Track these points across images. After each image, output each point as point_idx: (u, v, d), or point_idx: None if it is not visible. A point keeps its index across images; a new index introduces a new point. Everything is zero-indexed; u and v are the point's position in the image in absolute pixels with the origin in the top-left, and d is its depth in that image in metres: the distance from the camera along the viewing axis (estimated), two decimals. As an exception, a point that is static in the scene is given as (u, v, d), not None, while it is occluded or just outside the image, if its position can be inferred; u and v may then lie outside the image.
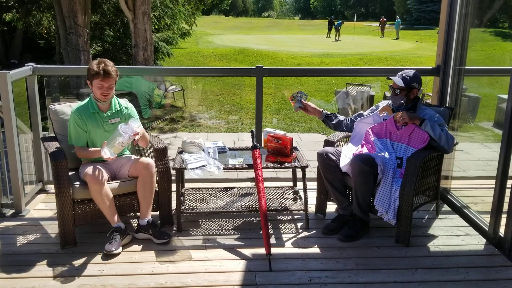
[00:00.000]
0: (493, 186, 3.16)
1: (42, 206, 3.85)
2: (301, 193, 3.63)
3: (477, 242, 3.30)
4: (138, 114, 3.53)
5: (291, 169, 3.94)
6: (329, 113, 3.65)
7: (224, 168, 3.39)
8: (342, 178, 3.38)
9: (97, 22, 16.33)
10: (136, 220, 3.55)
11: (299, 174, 3.68)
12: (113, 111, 3.35)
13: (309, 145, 9.12)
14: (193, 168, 3.31)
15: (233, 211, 3.58)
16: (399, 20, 35.13)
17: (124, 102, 3.48)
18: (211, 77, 15.86)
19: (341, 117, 3.66)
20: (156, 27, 17.61)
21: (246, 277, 2.82)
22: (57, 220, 3.11)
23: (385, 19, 36.43)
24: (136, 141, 3.21)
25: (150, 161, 3.27)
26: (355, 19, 42.44)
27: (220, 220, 3.61)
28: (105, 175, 3.17)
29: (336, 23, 34.07)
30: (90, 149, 3.30)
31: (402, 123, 3.31)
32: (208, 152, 3.56)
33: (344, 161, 3.31)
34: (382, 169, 3.18)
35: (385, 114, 3.47)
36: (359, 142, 3.52)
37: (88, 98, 3.34)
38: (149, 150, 3.66)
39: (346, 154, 3.37)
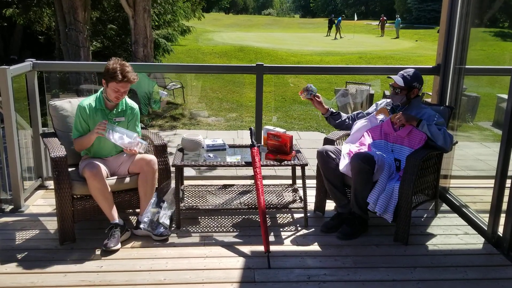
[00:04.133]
0: (492, 185, 3.16)
1: (41, 202, 3.85)
2: (300, 191, 3.63)
3: (476, 241, 3.30)
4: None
5: (290, 167, 3.95)
6: (334, 111, 3.66)
7: (223, 166, 3.38)
8: (341, 176, 3.38)
9: (97, 19, 16.31)
10: (135, 217, 3.55)
11: (298, 172, 3.69)
12: (119, 110, 3.34)
13: (308, 143, 9.13)
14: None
15: (232, 209, 3.58)
16: (399, 19, 35.09)
17: (131, 101, 3.45)
18: (210, 75, 15.86)
19: (344, 116, 3.67)
20: (156, 23, 17.59)
21: (244, 274, 2.83)
22: (56, 216, 3.11)
23: (385, 18, 36.38)
24: (124, 149, 3.21)
25: (153, 157, 3.27)
26: (355, 18, 42.31)
27: (219, 217, 3.61)
28: (104, 172, 3.17)
29: (335, 21, 34.02)
30: (83, 137, 3.26)
31: (399, 125, 3.31)
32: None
33: (343, 163, 3.31)
34: (377, 168, 3.18)
35: (382, 117, 3.47)
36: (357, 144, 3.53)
37: (97, 93, 3.31)
38: (149, 147, 3.66)
39: (346, 155, 3.36)
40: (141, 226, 3.19)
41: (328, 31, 34.98)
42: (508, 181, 3.12)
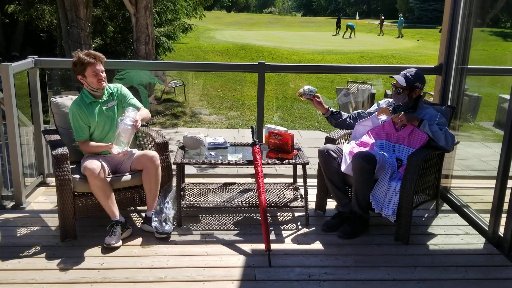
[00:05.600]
0: (493, 185, 3.16)
1: (43, 199, 3.86)
2: (301, 190, 3.63)
3: (477, 241, 3.30)
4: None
5: (291, 166, 3.95)
6: (334, 110, 3.66)
7: (224, 164, 3.39)
8: (342, 176, 3.38)
9: (99, 16, 16.31)
10: (136, 214, 3.56)
11: (299, 171, 3.69)
12: (107, 95, 3.36)
13: (309, 142, 9.13)
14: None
15: (233, 207, 3.58)
16: (402, 18, 34.95)
17: (113, 84, 3.45)
18: (212, 73, 15.87)
19: (344, 115, 3.66)
20: (158, 21, 17.58)
21: (245, 272, 2.83)
22: (58, 213, 3.11)
23: (383, 17, 36.24)
24: (137, 128, 3.21)
25: (155, 153, 3.28)
26: (357, 17, 42.22)
27: (220, 215, 3.62)
28: (105, 169, 3.17)
29: (347, 23, 33.94)
30: (92, 143, 3.30)
31: (400, 125, 3.31)
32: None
33: (345, 163, 3.31)
34: (379, 167, 3.18)
35: (384, 117, 3.47)
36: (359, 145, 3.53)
37: (80, 93, 3.34)
38: (150, 144, 3.67)
39: (347, 155, 3.36)
40: (153, 224, 3.20)
41: (337, 29, 34.68)
42: (510, 182, 3.12)
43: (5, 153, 3.70)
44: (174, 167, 3.44)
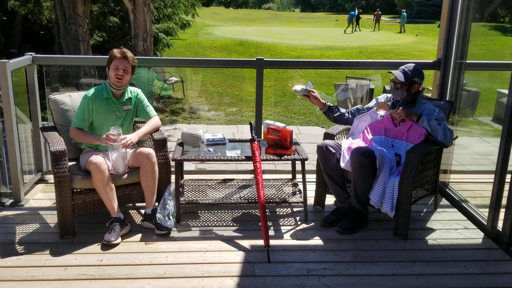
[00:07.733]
0: (492, 180, 3.16)
1: (41, 196, 3.85)
2: (300, 186, 3.63)
3: (475, 236, 3.31)
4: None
5: (290, 162, 3.95)
6: (332, 105, 3.65)
7: (223, 160, 3.39)
8: (341, 171, 3.38)
9: (97, 12, 16.26)
10: (135, 211, 3.56)
11: (298, 166, 3.69)
12: (126, 98, 3.41)
13: (308, 138, 9.12)
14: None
15: (232, 203, 3.58)
16: (405, 13, 34.55)
17: (134, 88, 3.53)
18: (210, 69, 15.82)
19: (343, 110, 3.65)
20: (156, 17, 17.53)
21: (244, 268, 2.83)
22: (56, 210, 3.11)
23: (380, 12, 36.00)
24: (126, 145, 3.20)
25: (151, 151, 3.28)
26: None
27: (219, 211, 3.62)
28: (108, 165, 3.18)
29: (357, 13, 33.58)
30: (88, 134, 3.31)
31: (399, 120, 3.31)
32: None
33: (344, 160, 3.31)
34: (379, 163, 3.18)
35: (382, 112, 3.47)
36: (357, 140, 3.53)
37: (103, 84, 3.39)
38: (149, 141, 3.66)
39: (346, 150, 3.36)
40: (157, 215, 3.21)
41: (357, 26, 34.31)
42: (508, 176, 3.12)
43: (3, 150, 3.69)
44: (173, 163, 3.44)
